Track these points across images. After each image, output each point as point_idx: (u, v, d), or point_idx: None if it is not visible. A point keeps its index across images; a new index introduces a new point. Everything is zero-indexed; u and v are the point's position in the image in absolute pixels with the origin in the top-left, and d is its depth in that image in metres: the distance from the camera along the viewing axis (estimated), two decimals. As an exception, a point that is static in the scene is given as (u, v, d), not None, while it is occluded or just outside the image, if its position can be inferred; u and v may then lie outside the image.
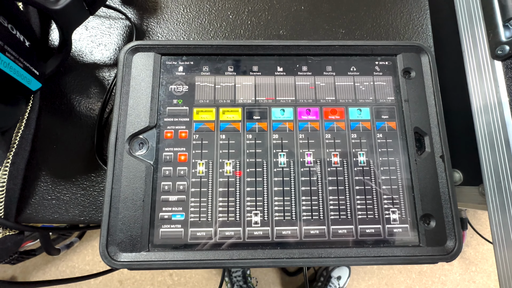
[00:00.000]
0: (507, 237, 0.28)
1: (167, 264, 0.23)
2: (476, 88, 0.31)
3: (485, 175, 0.29)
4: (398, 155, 0.27)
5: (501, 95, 0.28)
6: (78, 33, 0.32)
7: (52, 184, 0.28)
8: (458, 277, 1.11)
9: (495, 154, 0.29)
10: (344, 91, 0.28)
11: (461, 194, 0.36)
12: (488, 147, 0.30)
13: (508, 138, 0.28)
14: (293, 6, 0.33)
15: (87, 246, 1.07)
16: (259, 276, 1.07)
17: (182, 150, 0.26)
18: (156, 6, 0.33)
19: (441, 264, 1.12)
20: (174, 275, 1.07)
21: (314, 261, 0.24)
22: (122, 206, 0.24)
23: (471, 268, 1.12)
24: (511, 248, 0.27)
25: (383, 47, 0.28)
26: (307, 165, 0.26)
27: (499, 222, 0.28)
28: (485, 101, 0.30)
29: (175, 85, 0.28)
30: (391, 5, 0.33)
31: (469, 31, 0.33)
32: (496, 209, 0.28)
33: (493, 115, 0.29)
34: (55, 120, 0.30)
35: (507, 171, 0.28)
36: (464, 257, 1.13)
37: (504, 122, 0.28)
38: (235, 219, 0.25)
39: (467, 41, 0.33)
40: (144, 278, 1.06)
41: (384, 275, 1.11)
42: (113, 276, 1.06)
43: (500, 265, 0.28)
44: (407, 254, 0.24)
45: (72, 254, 1.06)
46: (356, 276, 1.09)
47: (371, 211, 0.26)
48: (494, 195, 0.29)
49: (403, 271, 1.11)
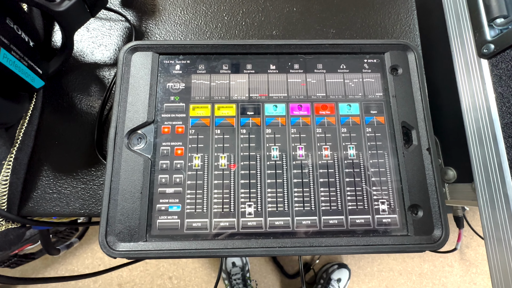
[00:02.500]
0: (496, 231, 0.28)
1: (164, 253, 0.24)
2: (465, 86, 0.32)
3: (475, 170, 0.30)
4: (387, 148, 0.28)
5: (488, 92, 0.30)
6: (80, 34, 0.33)
7: (54, 178, 0.29)
8: (458, 279, 1.10)
9: (484, 150, 0.30)
10: (334, 88, 0.29)
11: (455, 191, 0.37)
12: (477, 143, 0.31)
13: (495, 133, 0.29)
14: (286, 7, 0.35)
15: (86, 249, 1.07)
16: (258, 279, 1.07)
17: (179, 145, 0.27)
18: (154, 8, 0.34)
19: (441, 266, 1.11)
20: (173, 278, 1.07)
21: (306, 250, 0.25)
22: (121, 198, 0.25)
23: (472, 269, 1.11)
24: (501, 241, 0.28)
25: (371, 46, 0.30)
26: (299, 159, 0.27)
27: (489, 216, 0.29)
28: (473, 98, 0.31)
29: (172, 83, 0.29)
30: (379, 6, 0.35)
31: (457, 31, 0.34)
32: (486, 203, 0.29)
33: (480, 111, 0.30)
34: (57, 117, 0.31)
35: (495, 166, 0.28)
36: (464, 259, 1.12)
37: (491, 118, 0.29)
38: (230, 210, 0.26)
39: (455, 40, 0.34)
40: (143, 282, 1.06)
41: (384, 277, 1.11)
42: (113, 280, 1.06)
43: (491, 258, 0.29)
44: (395, 243, 0.25)
45: (71, 258, 1.06)
46: (356, 279, 1.09)
47: (360, 202, 0.27)
48: (484, 190, 0.30)
49: (403, 273, 1.11)
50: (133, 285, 1.05)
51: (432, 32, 0.40)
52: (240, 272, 0.99)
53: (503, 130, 0.28)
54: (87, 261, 1.07)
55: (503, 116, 0.29)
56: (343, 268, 1.04)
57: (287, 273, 1.05)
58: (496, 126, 0.29)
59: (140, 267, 1.07)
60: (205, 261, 1.07)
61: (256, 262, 1.08)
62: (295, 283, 1.06)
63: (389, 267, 1.11)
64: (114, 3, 0.35)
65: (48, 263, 1.05)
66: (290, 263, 1.09)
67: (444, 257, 1.12)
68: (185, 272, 1.07)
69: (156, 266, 1.07)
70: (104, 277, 1.06)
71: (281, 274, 1.06)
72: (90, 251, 1.07)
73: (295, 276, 1.06)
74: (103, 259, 1.07)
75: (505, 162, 0.28)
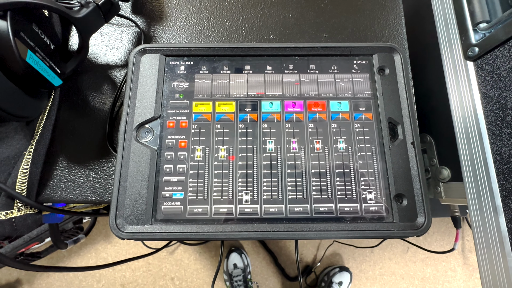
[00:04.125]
0: (483, 222, 0.30)
1: (167, 235, 0.27)
2: (453, 86, 0.34)
3: (463, 167, 0.32)
4: (374, 142, 0.30)
5: (474, 92, 0.31)
6: (94, 38, 0.36)
7: (68, 168, 0.32)
8: (462, 283, 1.09)
9: (471, 147, 0.32)
10: (326, 87, 0.32)
11: (449, 190, 0.38)
12: (464, 141, 0.33)
13: (480, 131, 0.31)
14: (282, 13, 0.37)
15: (90, 249, 1.09)
16: (260, 281, 1.08)
17: (183, 138, 0.30)
18: (162, 15, 0.38)
19: (444, 271, 1.11)
20: (175, 279, 1.08)
21: (298, 234, 0.27)
22: (130, 185, 0.28)
23: (476, 274, 1.10)
24: (487, 233, 0.29)
25: (361, 48, 0.32)
26: (292, 151, 0.30)
27: (476, 209, 0.31)
28: (461, 98, 0.33)
29: (177, 82, 0.32)
30: (369, 12, 0.37)
31: (445, 35, 0.36)
32: (473, 198, 0.31)
33: (467, 110, 0.32)
34: (72, 113, 0.34)
35: (481, 162, 0.30)
36: (467, 264, 1.12)
37: (477, 116, 0.31)
38: (228, 198, 0.28)
39: (444, 44, 0.36)
40: (146, 282, 1.08)
41: (386, 281, 1.10)
42: (116, 280, 1.08)
43: (479, 249, 0.30)
44: (381, 229, 0.27)
45: (76, 257, 1.08)
46: (357, 282, 1.09)
47: (349, 191, 0.29)
48: (472, 185, 0.31)
49: (405, 277, 1.10)
50: (136, 286, 1.06)
51: (424, 37, 0.42)
52: (241, 274, 0.99)
53: (487, 128, 0.30)
54: (91, 260, 1.09)
55: (487, 114, 0.30)
56: (344, 271, 1.04)
57: (288, 276, 1.06)
58: (481, 124, 0.30)
59: (143, 267, 1.09)
60: (207, 262, 1.09)
61: (257, 264, 1.09)
62: (296, 286, 1.07)
63: (391, 271, 1.10)
64: (126, 10, 0.38)
65: (53, 262, 1.07)
66: (292, 265, 1.09)
67: (447, 261, 1.11)
68: (187, 273, 1.09)
69: (159, 266, 1.09)
70: (107, 277, 1.08)
71: (282, 277, 1.06)
72: (94, 251, 1.09)
73: (296, 279, 1.06)
74: (107, 259, 1.09)
75: (490, 158, 0.30)
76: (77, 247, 1.10)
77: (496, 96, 0.29)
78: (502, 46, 0.28)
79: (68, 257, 1.08)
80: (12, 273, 1.05)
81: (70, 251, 1.09)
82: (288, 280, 1.06)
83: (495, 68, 0.29)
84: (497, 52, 0.29)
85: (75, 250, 1.09)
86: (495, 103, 0.29)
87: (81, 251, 1.09)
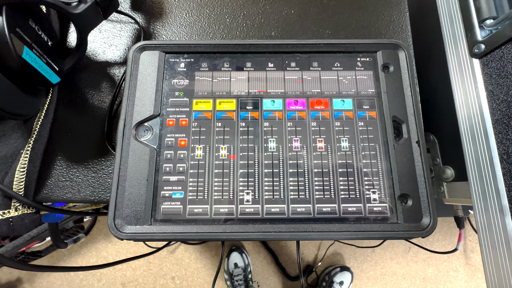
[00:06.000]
0: (489, 223, 0.29)
1: (167, 236, 0.26)
2: (458, 84, 0.34)
3: (468, 166, 0.31)
4: (378, 141, 0.29)
5: (479, 90, 0.31)
6: (93, 35, 0.36)
7: (67, 167, 0.31)
8: (464, 284, 1.09)
9: (476, 146, 0.31)
10: (328, 84, 0.31)
11: (453, 189, 0.38)
12: (470, 140, 0.32)
13: (486, 129, 0.30)
14: (284, 10, 0.37)
15: (91, 248, 1.09)
16: (260, 280, 1.07)
17: (182, 136, 0.29)
18: (161, 11, 0.37)
19: (446, 271, 1.10)
20: (176, 279, 1.08)
21: (300, 235, 0.26)
22: (129, 185, 0.27)
23: (477, 275, 1.10)
24: (493, 234, 0.29)
25: (364, 45, 0.31)
26: (294, 150, 0.29)
27: (482, 208, 0.30)
28: (466, 97, 0.33)
29: (177, 79, 0.31)
30: (373, 8, 0.37)
31: (450, 32, 0.35)
32: (479, 198, 0.30)
33: (473, 108, 0.32)
34: (71, 111, 0.33)
35: (486, 161, 0.30)
36: (470, 264, 1.11)
37: (483, 115, 0.30)
38: (229, 198, 0.28)
39: (449, 41, 0.35)
40: (146, 281, 1.08)
41: (388, 281, 1.10)
42: (116, 279, 1.08)
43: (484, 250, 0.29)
44: (385, 230, 0.26)
45: (76, 256, 1.08)
46: (358, 282, 1.09)
47: (352, 191, 0.28)
48: (477, 185, 0.31)
49: (407, 277, 1.10)
50: (136, 285, 1.06)
51: (428, 34, 0.41)
52: (242, 273, 0.99)
53: (493, 127, 0.29)
54: (92, 259, 1.09)
55: (494, 113, 0.30)
56: (345, 271, 1.04)
57: (289, 275, 1.06)
58: (487, 123, 0.30)
59: (143, 266, 1.08)
60: (208, 261, 1.08)
61: (258, 264, 1.09)
62: (297, 285, 1.06)
63: (392, 271, 1.10)
64: (125, 6, 0.37)
65: (54, 261, 1.07)
66: (292, 265, 1.09)
67: (449, 261, 1.11)
68: (188, 272, 1.08)
69: (159, 266, 1.09)
70: (108, 276, 1.08)
71: (283, 276, 1.06)
72: (95, 250, 1.09)
73: (297, 278, 1.06)
74: (107, 258, 1.09)
75: (496, 157, 0.29)
76: (77, 246, 1.10)
77: (503, 94, 0.28)
78: (510, 43, 0.27)
79: (68, 256, 1.08)
80: (12, 272, 1.05)
81: (71, 250, 1.09)
82: (288, 280, 1.06)
83: (502, 65, 0.28)
84: (504, 49, 0.28)
85: (75, 249, 1.09)
86: (502, 101, 0.28)
87: (82, 250, 1.09)
